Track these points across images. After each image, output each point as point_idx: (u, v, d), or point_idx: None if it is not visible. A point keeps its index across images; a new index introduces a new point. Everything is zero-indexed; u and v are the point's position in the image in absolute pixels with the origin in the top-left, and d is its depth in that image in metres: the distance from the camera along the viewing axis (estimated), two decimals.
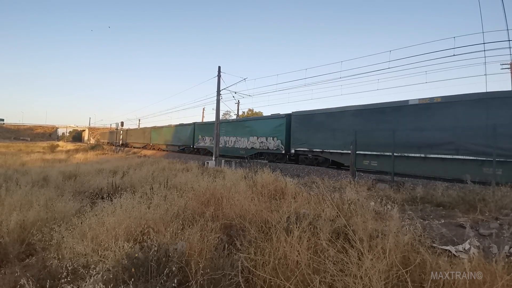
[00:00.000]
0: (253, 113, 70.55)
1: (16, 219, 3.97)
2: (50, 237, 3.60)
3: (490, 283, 2.16)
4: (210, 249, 2.95)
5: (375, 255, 2.39)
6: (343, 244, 2.72)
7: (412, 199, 5.98)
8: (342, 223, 3.30)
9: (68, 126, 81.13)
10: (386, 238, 2.77)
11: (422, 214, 5.13)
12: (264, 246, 2.89)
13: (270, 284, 2.40)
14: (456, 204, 5.50)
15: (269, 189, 5.75)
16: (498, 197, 5.47)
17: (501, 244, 3.18)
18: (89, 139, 73.36)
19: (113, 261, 2.70)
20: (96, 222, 3.59)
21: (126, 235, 3.26)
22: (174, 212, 4.14)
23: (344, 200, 4.61)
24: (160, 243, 2.90)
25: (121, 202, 4.16)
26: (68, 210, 4.65)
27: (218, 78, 17.57)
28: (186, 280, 2.56)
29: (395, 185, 7.89)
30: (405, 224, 3.34)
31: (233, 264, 2.71)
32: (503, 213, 4.85)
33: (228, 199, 4.80)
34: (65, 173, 9.58)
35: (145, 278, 2.50)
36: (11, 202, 4.80)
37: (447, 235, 3.59)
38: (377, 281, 2.13)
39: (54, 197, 5.46)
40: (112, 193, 5.94)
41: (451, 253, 3.01)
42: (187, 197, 5.14)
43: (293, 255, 2.62)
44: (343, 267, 2.41)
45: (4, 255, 3.58)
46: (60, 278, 2.55)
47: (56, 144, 42.72)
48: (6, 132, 69.07)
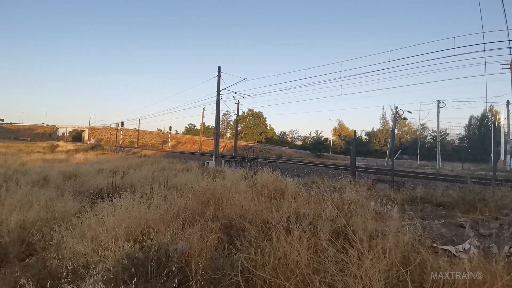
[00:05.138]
0: (253, 113, 70.65)
1: (16, 219, 3.97)
2: (50, 237, 3.60)
3: (490, 283, 2.16)
4: (210, 249, 2.94)
5: (375, 255, 2.39)
6: (343, 244, 2.72)
7: (412, 199, 5.98)
8: (342, 223, 3.30)
9: (68, 126, 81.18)
10: (386, 238, 2.77)
11: (422, 214, 5.13)
12: (264, 246, 2.88)
13: (270, 284, 2.40)
14: (456, 204, 5.50)
15: (269, 189, 5.74)
16: (498, 197, 5.47)
17: (501, 244, 3.18)
18: (89, 139, 73.38)
19: (113, 261, 2.70)
20: (96, 222, 3.59)
21: (126, 235, 3.26)
22: (174, 212, 4.13)
23: (344, 200, 4.61)
24: (160, 243, 2.90)
25: (121, 202, 4.16)
26: (68, 210, 4.65)
27: (218, 78, 17.58)
28: (186, 280, 2.56)
29: (395, 185, 7.90)
30: (405, 224, 3.33)
31: (233, 264, 2.71)
32: (503, 213, 4.85)
33: (228, 199, 4.80)
34: (65, 173, 9.57)
35: (145, 278, 2.50)
36: (11, 202, 4.79)
37: (447, 235, 3.59)
38: (377, 281, 2.13)
39: (54, 197, 5.46)
40: (112, 193, 5.94)
41: (451, 253, 3.01)
42: (187, 197, 5.14)
43: (293, 255, 2.62)
44: (343, 267, 2.41)
45: (4, 255, 3.58)
46: (60, 278, 2.55)
47: (56, 144, 42.71)
48: (6, 132, 69.00)
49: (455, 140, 39.42)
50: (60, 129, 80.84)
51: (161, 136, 77.45)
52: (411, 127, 56.70)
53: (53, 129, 78.98)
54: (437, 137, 30.24)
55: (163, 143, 72.93)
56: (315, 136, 57.93)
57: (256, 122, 72.86)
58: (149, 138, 79.07)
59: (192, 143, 70.79)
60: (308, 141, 58.73)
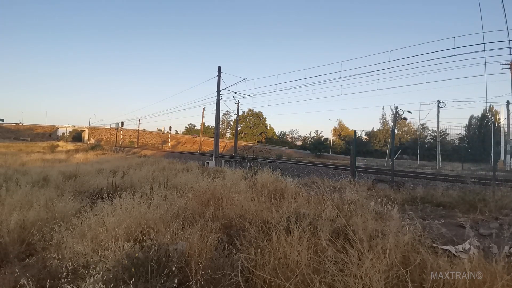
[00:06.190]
0: (253, 114, 70.67)
1: (16, 219, 3.97)
2: (50, 237, 3.60)
3: (490, 283, 2.16)
4: (210, 249, 2.94)
5: (375, 255, 2.39)
6: (343, 244, 2.72)
7: (412, 199, 5.98)
8: (342, 223, 3.30)
9: (68, 126, 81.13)
10: (386, 238, 2.77)
11: (422, 214, 5.12)
12: (264, 246, 2.89)
13: (270, 284, 2.40)
14: (456, 204, 5.50)
15: (269, 189, 5.74)
16: (498, 197, 5.47)
17: (501, 244, 3.18)
18: (89, 139, 73.37)
19: (113, 261, 2.70)
20: (96, 222, 3.59)
21: (126, 235, 3.26)
22: (174, 212, 4.14)
23: (344, 200, 4.61)
24: (160, 243, 2.90)
25: (121, 202, 4.16)
26: (68, 210, 4.64)
27: (218, 78, 17.59)
28: (186, 280, 2.56)
29: (395, 185, 7.89)
30: (405, 224, 3.33)
31: (233, 264, 2.71)
32: (503, 213, 4.85)
33: (228, 199, 4.80)
34: (65, 173, 9.57)
35: (145, 278, 2.50)
36: (11, 202, 4.79)
37: (447, 235, 3.59)
38: (377, 281, 2.13)
39: (54, 197, 5.45)
40: (112, 193, 5.94)
41: (451, 253, 3.01)
42: (187, 197, 5.14)
43: (293, 255, 2.62)
44: (343, 267, 2.41)
45: (4, 255, 3.57)
46: (60, 278, 2.55)
47: (56, 144, 42.72)
48: (6, 132, 68.96)
49: (455, 140, 39.38)
50: (60, 129, 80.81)
51: (161, 136, 77.46)
52: (411, 127, 56.80)
53: (53, 129, 78.94)
54: (437, 137, 30.23)
55: (163, 143, 72.94)
56: (315, 136, 58.04)
57: (256, 122, 72.89)
58: (149, 138, 79.08)
59: (192, 143, 70.82)
60: (308, 141, 58.79)
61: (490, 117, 39.20)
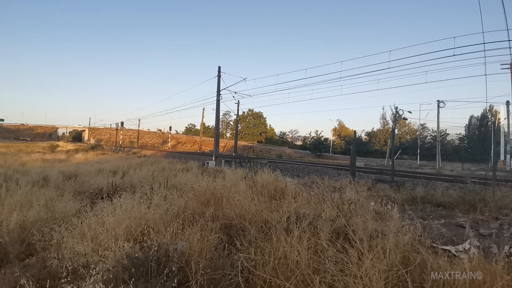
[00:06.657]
0: (253, 114, 70.66)
1: (16, 219, 3.97)
2: (50, 237, 3.60)
3: (490, 283, 2.16)
4: (210, 249, 2.94)
5: (375, 255, 2.39)
6: (343, 244, 2.72)
7: (412, 199, 5.98)
8: (342, 223, 3.30)
9: (68, 126, 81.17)
10: (386, 238, 2.77)
11: (422, 214, 5.13)
12: (264, 246, 2.89)
13: (270, 284, 2.40)
14: (456, 204, 5.50)
15: (269, 189, 5.74)
16: (498, 197, 5.47)
17: (501, 244, 3.18)
18: (89, 139, 73.36)
19: (113, 261, 2.70)
20: (96, 222, 3.59)
21: (126, 235, 3.26)
22: (174, 212, 4.13)
23: (344, 200, 4.61)
24: (160, 243, 2.90)
25: (121, 202, 4.16)
26: (68, 210, 4.64)
27: (218, 78, 17.59)
28: (186, 280, 2.56)
29: (395, 185, 7.89)
30: (405, 224, 3.33)
31: (233, 264, 2.71)
32: (503, 213, 4.85)
33: (228, 199, 4.80)
34: (65, 173, 9.57)
35: (145, 278, 2.50)
36: (11, 202, 4.79)
37: (447, 235, 3.59)
38: (377, 281, 2.13)
39: (54, 197, 5.45)
40: (112, 193, 5.94)
41: (451, 253, 3.01)
42: (187, 197, 5.14)
43: (293, 255, 2.62)
44: (343, 267, 2.41)
45: (4, 255, 3.57)
46: (60, 278, 2.55)
47: (56, 144, 42.77)
48: (6, 132, 68.96)
49: (455, 140, 39.41)
50: (60, 129, 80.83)
51: (161, 136, 77.48)
52: (411, 127, 56.75)
53: (53, 129, 78.94)
54: (437, 137, 30.23)
55: (163, 143, 72.94)
56: (315, 136, 57.97)
57: (256, 122, 72.87)
58: (149, 138, 79.08)
59: (192, 143, 70.80)
60: (308, 141, 58.73)
61: (490, 117, 39.21)
